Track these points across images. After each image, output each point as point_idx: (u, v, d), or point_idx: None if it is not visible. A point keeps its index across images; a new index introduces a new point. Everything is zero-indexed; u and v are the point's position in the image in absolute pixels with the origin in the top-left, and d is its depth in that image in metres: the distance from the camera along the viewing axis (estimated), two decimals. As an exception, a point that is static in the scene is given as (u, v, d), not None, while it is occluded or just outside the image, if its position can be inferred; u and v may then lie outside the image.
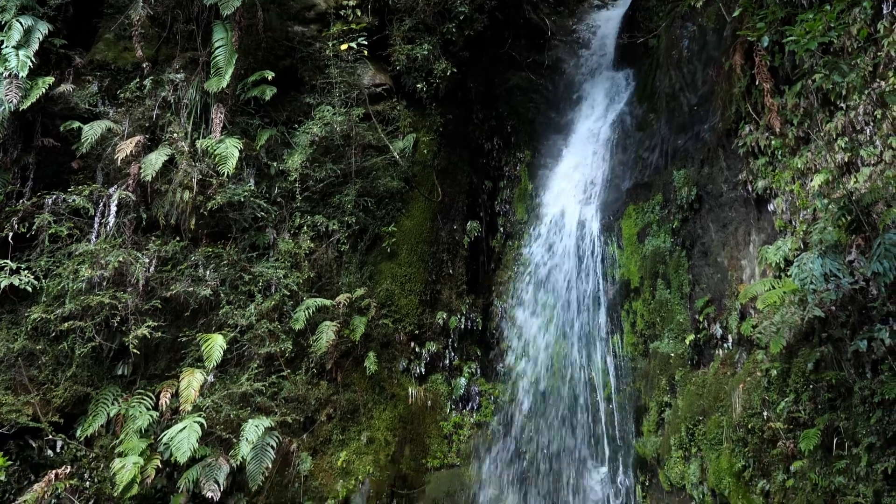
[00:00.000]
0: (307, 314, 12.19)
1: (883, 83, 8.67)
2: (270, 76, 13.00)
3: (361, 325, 12.76)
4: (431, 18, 14.53)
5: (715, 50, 12.56)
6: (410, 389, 13.37)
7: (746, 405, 9.79)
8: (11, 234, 11.22)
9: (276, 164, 13.28)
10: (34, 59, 11.60)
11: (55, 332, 10.99)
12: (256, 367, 11.83)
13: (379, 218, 13.91)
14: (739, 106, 11.15)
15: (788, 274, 9.03)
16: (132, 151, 11.87)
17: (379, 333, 13.29)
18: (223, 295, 12.04)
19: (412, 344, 13.75)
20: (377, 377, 12.95)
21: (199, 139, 12.54)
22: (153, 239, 11.99)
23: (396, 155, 13.92)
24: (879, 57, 8.75)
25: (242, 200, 12.58)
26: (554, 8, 19.07)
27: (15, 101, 11.29)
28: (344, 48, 13.45)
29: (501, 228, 15.97)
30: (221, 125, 12.58)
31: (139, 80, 12.91)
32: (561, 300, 14.20)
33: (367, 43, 13.49)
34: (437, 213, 14.61)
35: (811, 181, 9.43)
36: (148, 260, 11.69)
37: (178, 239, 12.15)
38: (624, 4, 18.80)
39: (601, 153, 15.67)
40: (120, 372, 11.55)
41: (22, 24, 11.65)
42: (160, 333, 11.36)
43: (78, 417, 11.12)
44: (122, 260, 11.27)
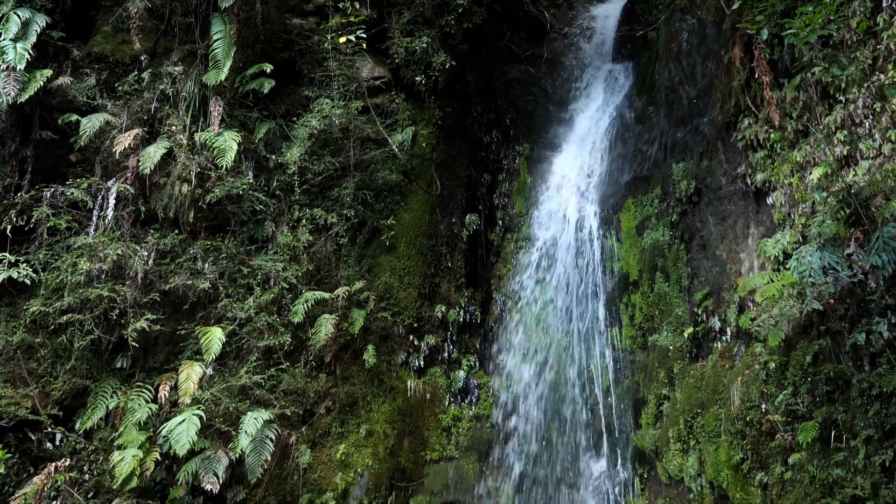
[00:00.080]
0: (306, 307, 12.19)
1: (882, 76, 8.66)
2: (269, 69, 12.98)
3: (360, 318, 12.75)
4: (430, 11, 14.51)
5: (714, 43, 12.54)
6: (409, 382, 13.37)
7: (745, 398, 9.80)
8: (10, 227, 11.22)
9: (274, 157, 13.26)
10: (32, 51, 11.60)
11: (54, 324, 10.99)
12: (255, 359, 11.83)
13: (378, 211, 13.89)
14: (738, 99, 11.14)
15: (787, 267, 9.04)
16: (130, 144, 11.85)
17: (378, 326, 13.29)
18: (222, 288, 12.04)
19: (411, 337, 13.75)
20: (376, 370, 12.95)
21: (197, 132, 12.53)
22: (152, 232, 11.99)
23: (395, 148, 13.90)
24: (879, 50, 8.74)
25: (241, 193, 12.57)
26: (553, 0, 19.02)
27: (13, 93, 11.29)
28: (342, 41, 13.42)
29: (500, 221, 15.96)
30: (220, 118, 12.56)
31: (137, 72, 12.89)
32: (560, 293, 14.21)
33: (365, 36, 13.44)
34: (435, 206, 14.60)
35: (810, 174, 9.43)
36: (146, 253, 11.69)
37: (176, 232, 12.14)
38: (623, -3, 18.77)
39: (600, 146, 15.66)
40: (119, 365, 11.56)
41: (19, 16, 11.64)
42: (159, 326, 11.37)
43: (77, 410, 11.13)
44: (120, 253, 11.27)
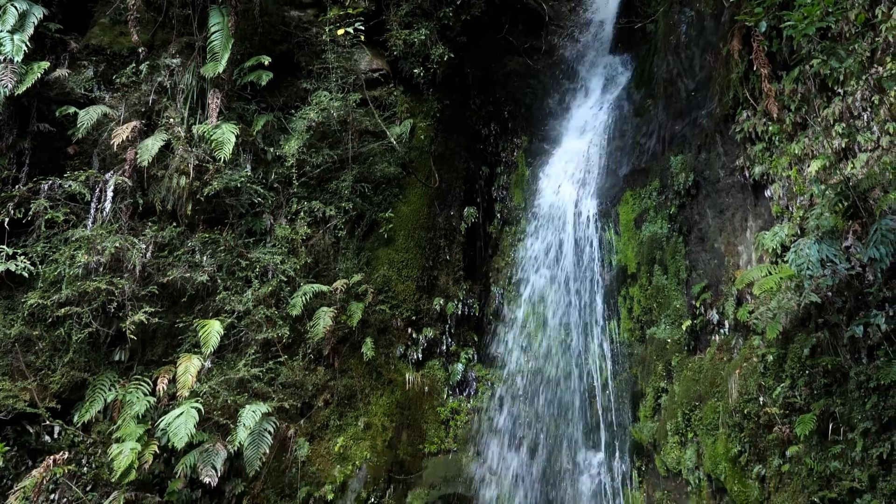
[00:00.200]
0: (304, 300, 12.18)
1: (881, 68, 8.65)
2: (267, 61, 12.94)
3: (358, 310, 12.75)
4: (429, 3, 14.46)
5: (713, 35, 12.52)
6: (408, 375, 13.37)
7: (742, 390, 9.82)
8: (7, 219, 11.21)
9: (272, 149, 13.23)
10: (29, 43, 11.57)
11: (52, 317, 10.99)
12: (253, 352, 11.83)
13: (376, 204, 13.88)
14: (737, 91, 11.12)
15: (785, 260, 9.05)
16: (128, 137, 11.82)
17: (376, 319, 13.29)
18: (220, 281, 12.03)
19: (409, 330, 13.75)
20: (374, 363, 12.95)
21: (195, 124, 12.49)
22: (150, 224, 11.98)
23: (393, 140, 13.87)
24: (877, 42, 8.73)
25: (239, 186, 12.55)
26: (551, -7, 18.97)
27: (10, 85, 11.26)
28: (341, 33, 13.37)
29: (498, 214, 15.94)
30: (218, 110, 12.54)
31: (135, 64, 12.85)
32: (558, 286, 14.21)
33: (363, 28, 13.39)
34: (434, 198, 14.58)
35: (808, 167, 9.42)
36: (144, 246, 11.68)
37: (174, 224, 12.13)
38: (622, -11, 18.71)
39: (598, 139, 15.63)
40: (117, 358, 11.56)
41: (17, 8, 11.62)
42: (157, 319, 11.37)
43: (75, 403, 11.13)
44: (118, 245, 11.27)
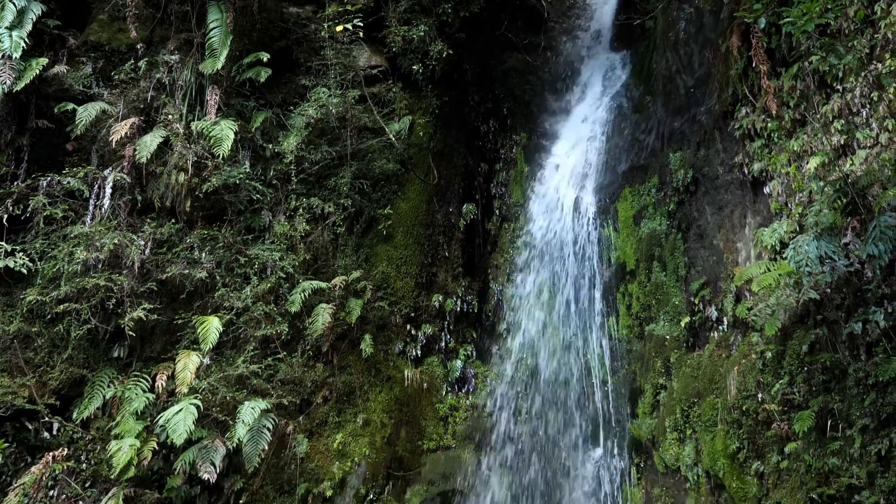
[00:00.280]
0: (303, 297, 12.17)
1: (879, 65, 8.65)
2: (265, 58, 12.92)
3: (357, 307, 12.75)
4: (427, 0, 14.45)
5: (712, 32, 12.51)
6: (406, 372, 13.38)
7: (741, 387, 9.83)
8: (6, 216, 11.20)
9: (271, 146, 13.21)
10: (28, 39, 11.56)
11: (51, 314, 10.99)
12: (252, 349, 11.82)
13: (375, 200, 13.86)
14: (736, 88, 11.12)
15: (784, 256, 9.05)
16: (127, 133, 11.82)
17: (375, 316, 13.29)
18: (219, 277, 12.02)
19: (408, 326, 13.75)
20: (373, 359, 12.96)
21: (194, 121, 12.48)
22: (148, 221, 11.96)
23: (392, 137, 13.85)
24: (876, 39, 8.73)
25: (238, 183, 12.54)
26: (550, -11, 18.95)
27: (8, 82, 11.26)
28: (339, 30, 13.35)
29: (497, 211, 15.93)
30: (216, 107, 12.53)
31: (133, 61, 12.83)
32: (557, 283, 14.22)
33: (362, 24, 13.37)
34: (432, 195, 14.57)
35: (807, 164, 9.42)
36: (143, 242, 11.67)
37: (173, 221, 12.12)
38: (621, -14, 18.69)
39: (597, 135, 15.65)
40: (116, 354, 11.55)
41: (15, 4, 11.59)
42: (156, 316, 11.36)
43: (74, 400, 11.13)
44: (117, 242, 11.25)
